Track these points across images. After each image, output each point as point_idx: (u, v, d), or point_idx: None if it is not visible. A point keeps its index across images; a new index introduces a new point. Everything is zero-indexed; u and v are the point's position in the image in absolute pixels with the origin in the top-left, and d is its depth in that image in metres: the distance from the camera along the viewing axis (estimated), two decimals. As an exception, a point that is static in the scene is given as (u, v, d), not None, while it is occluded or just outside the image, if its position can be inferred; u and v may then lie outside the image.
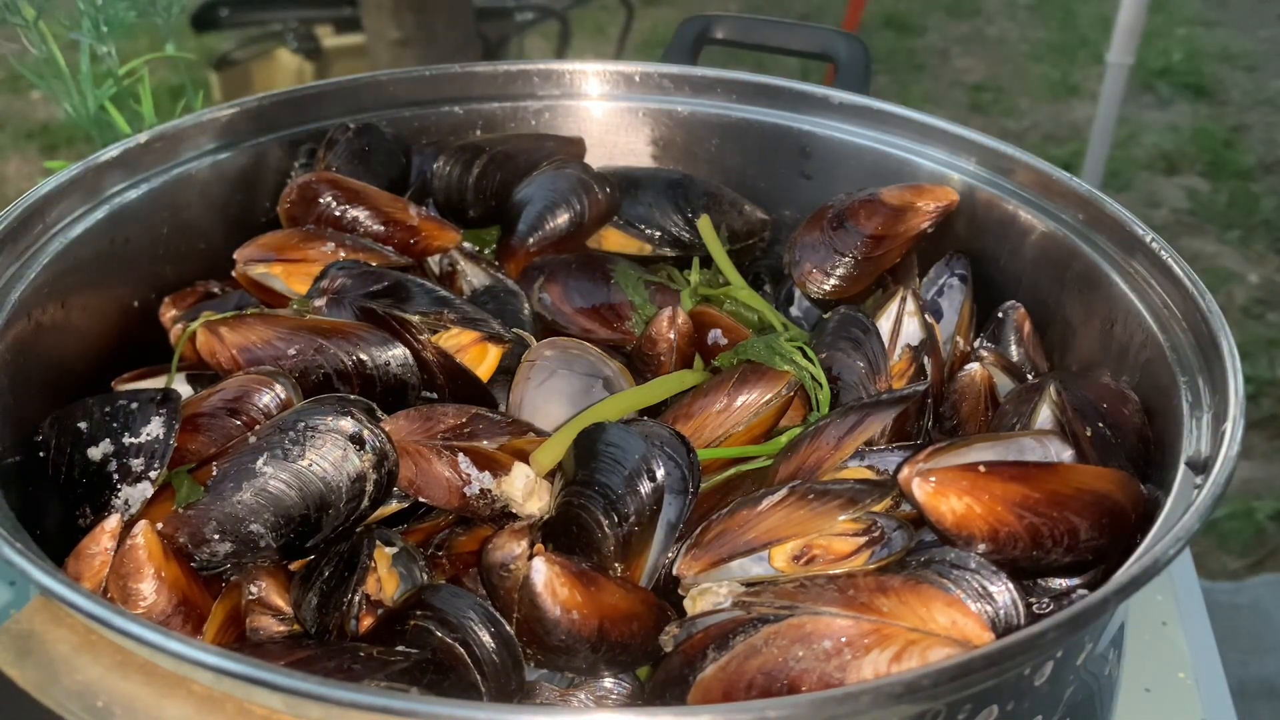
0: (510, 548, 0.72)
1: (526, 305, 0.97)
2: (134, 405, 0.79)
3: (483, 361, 0.88)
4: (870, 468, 0.79)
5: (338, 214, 0.99)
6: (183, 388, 0.88)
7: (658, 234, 1.05)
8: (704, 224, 1.03)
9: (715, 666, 0.65)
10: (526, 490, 0.77)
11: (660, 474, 0.73)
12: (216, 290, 1.00)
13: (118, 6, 1.17)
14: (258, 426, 0.78)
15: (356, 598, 0.70)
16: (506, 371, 0.90)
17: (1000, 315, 0.96)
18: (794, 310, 1.01)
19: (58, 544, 0.73)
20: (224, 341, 0.85)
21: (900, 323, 0.91)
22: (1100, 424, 0.79)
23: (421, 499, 0.78)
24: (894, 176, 1.03)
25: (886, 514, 0.72)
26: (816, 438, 0.79)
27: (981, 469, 0.70)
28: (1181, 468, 0.72)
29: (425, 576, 0.75)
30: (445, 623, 0.68)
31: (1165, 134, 3.96)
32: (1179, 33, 4.67)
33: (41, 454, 0.79)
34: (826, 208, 0.99)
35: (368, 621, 0.72)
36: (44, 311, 0.86)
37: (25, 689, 0.60)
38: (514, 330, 0.91)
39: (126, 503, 0.76)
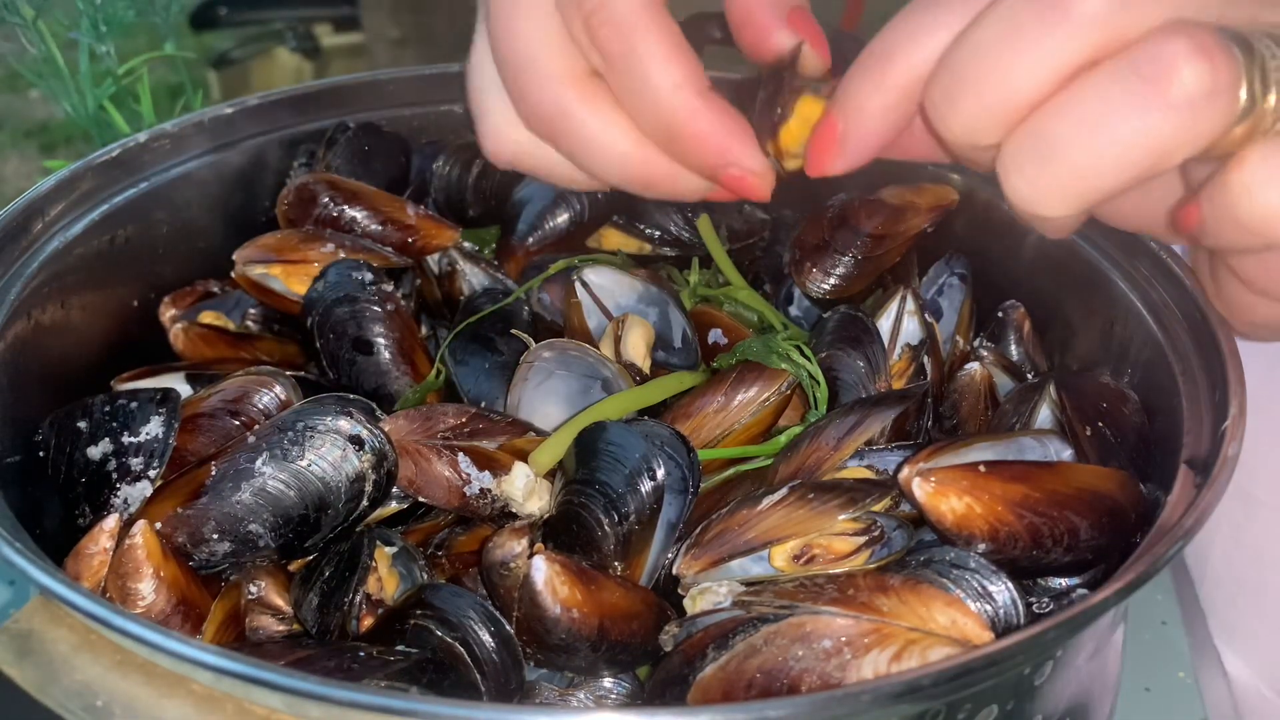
0: (510, 546, 0.72)
1: (526, 305, 0.97)
2: (134, 405, 0.79)
3: (482, 361, 0.88)
4: (870, 468, 0.79)
5: (335, 214, 0.99)
6: (182, 388, 0.88)
7: (657, 233, 1.05)
8: (704, 223, 1.03)
9: (715, 666, 0.65)
10: (526, 490, 0.77)
11: (660, 473, 0.73)
12: (216, 290, 1.00)
13: (117, 6, 1.17)
14: (257, 426, 0.78)
15: (358, 598, 0.70)
16: (506, 371, 0.89)
17: (1000, 315, 0.96)
18: (794, 310, 1.01)
19: (58, 544, 0.73)
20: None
21: (900, 322, 0.91)
22: (1100, 424, 0.79)
23: (421, 499, 0.78)
24: (894, 176, 1.03)
25: (886, 514, 0.72)
26: (816, 438, 0.79)
27: (982, 469, 0.70)
28: (1181, 468, 0.72)
29: (425, 576, 0.75)
30: (445, 622, 0.68)
31: (1164, 134, 3.95)
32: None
33: (41, 454, 0.79)
34: (826, 207, 0.99)
35: (368, 621, 0.72)
36: (44, 311, 0.86)
37: (25, 689, 0.60)
38: (513, 330, 0.91)
39: (126, 502, 0.76)
